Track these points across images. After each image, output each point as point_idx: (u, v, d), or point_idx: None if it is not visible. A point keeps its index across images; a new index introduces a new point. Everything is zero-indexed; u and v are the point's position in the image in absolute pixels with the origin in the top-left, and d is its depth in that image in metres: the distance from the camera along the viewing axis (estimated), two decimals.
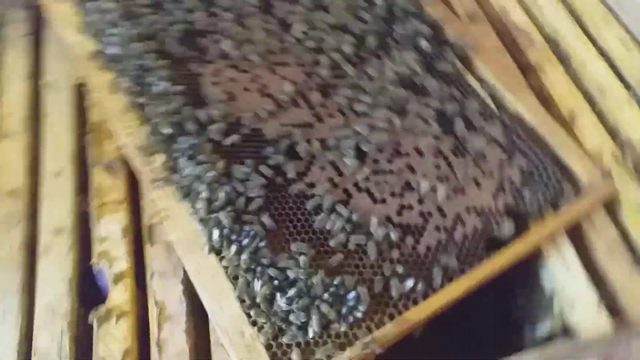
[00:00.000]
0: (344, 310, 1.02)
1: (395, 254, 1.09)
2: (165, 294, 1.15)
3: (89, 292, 1.20)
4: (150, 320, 1.13)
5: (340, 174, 1.17)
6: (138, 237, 1.24)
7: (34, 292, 1.17)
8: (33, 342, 1.12)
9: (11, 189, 1.29)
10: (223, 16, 1.36)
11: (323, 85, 1.27)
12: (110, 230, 1.23)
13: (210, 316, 1.05)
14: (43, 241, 1.22)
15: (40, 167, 1.32)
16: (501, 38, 1.48)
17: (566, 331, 1.06)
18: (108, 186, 1.28)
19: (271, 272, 1.03)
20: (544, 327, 1.12)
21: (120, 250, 1.20)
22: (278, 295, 1.03)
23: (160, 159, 1.17)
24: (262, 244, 1.07)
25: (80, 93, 1.42)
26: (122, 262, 1.18)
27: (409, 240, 1.11)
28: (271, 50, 1.31)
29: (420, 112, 1.25)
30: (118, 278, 1.16)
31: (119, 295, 1.15)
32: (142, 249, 1.22)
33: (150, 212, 1.19)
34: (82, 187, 1.32)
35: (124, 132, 1.22)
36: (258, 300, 1.03)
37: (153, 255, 1.19)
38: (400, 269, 1.07)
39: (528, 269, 1.18)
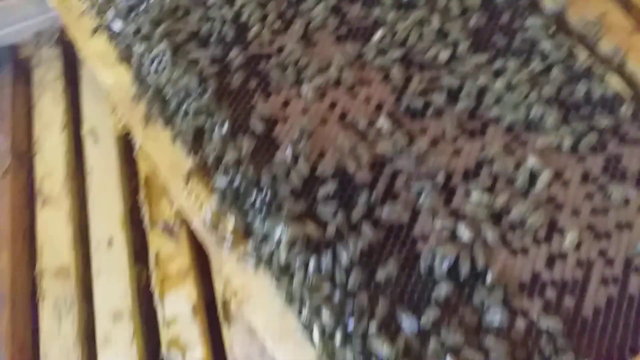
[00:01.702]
0: None
1: (551, 322, 0.82)
2: None
3: None
4: None
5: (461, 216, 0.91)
6: (210, 311, 1.04)
7: None
8: None
9: (59, 267, 1.10)
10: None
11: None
12: (178, 309, 1.02)
13: None
14: (101, 329, 1.03)
15: (89, 236, 1.13)
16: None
17: None
18: (169, 253, 1.08)
19: None
20: None
21: (193, 334, 0.99)
22: None
23: (230, 221, 0.94)
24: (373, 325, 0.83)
25: (126, 140, 1.22)
26: (197, 350, 0.98)
27: (568, 301, 0.84)
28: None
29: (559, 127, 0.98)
30: None
31: None
32: (216, 326, 1.02)
33: (223, 284, 0.97)
34: (139, 255, 1.12)
35: (181, 190, 1.01)
36: None
37: (233, 338, 0.98)
38: (560, 343, 0.81)
39: None
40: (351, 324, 0.82)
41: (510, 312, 0.82)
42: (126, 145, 1.22)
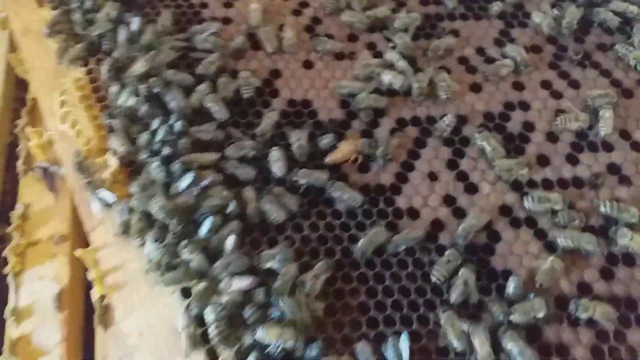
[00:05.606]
0: None
1: None
2: None
3: None
4: None
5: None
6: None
7: None
8: None
9: None
10: None
11: None
12: (38, 294, 0.67)
13: None
14: None
15: None
16: None
17: None
18: (43, 209, 0.73)
19: None
20: None
21: (51, 335, 0.64)
22: None
23: (111, 158, 0.59)
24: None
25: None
26: None
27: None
28: None
29: None
30: None
31: None
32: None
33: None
34: (4, 209, 0.77)
35: (57, 110, 0.65)
36: None
37: (108, 347, 0.62)
38: None
39: None
40: None
41: None
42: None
